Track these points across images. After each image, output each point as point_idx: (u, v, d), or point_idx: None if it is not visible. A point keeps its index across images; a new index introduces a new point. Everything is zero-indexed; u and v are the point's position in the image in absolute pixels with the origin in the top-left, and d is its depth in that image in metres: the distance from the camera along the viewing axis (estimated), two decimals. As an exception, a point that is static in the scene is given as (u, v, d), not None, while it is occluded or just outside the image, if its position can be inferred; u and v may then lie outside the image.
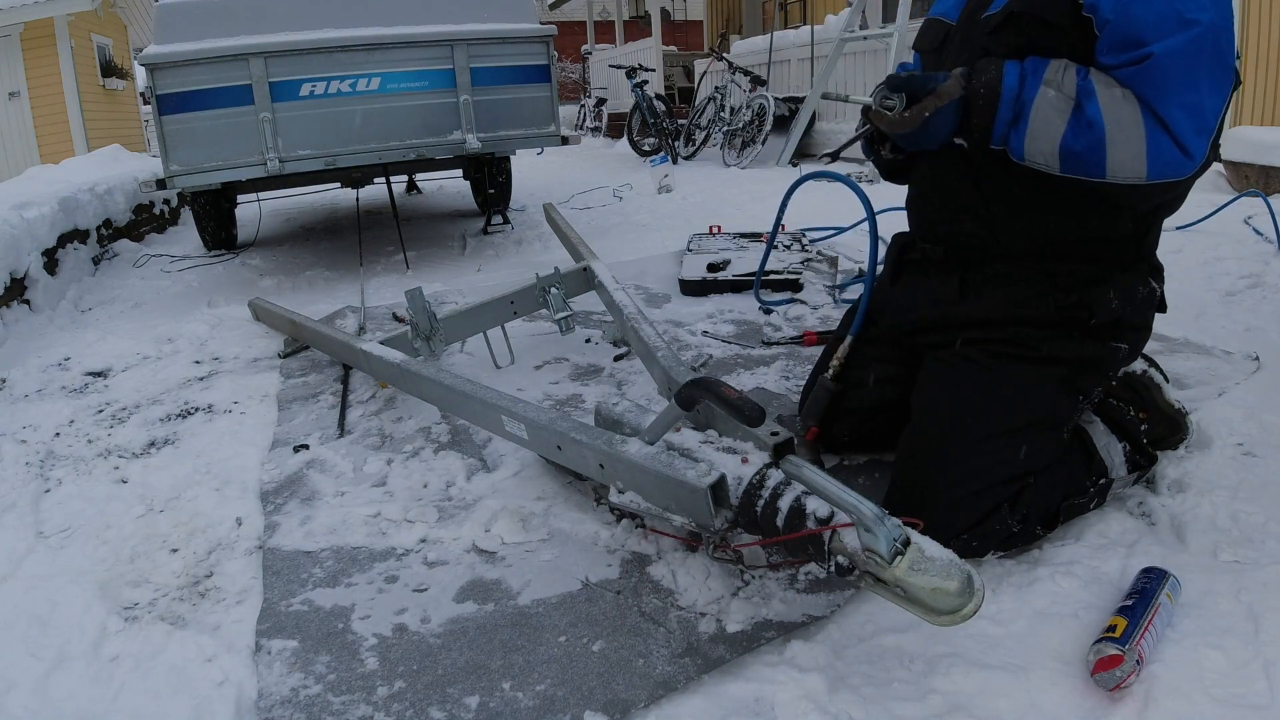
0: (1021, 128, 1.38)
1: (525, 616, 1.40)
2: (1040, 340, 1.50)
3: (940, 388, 1.56)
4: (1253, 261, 3.06)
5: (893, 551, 1.11)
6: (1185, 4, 1.29)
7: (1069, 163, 1.37)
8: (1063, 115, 1.35)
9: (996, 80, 1.40)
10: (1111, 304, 1.49)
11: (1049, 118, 1.36)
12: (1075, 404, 1.53)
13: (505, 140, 4.08)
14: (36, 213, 3.85)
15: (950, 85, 1.42)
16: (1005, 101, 1.39)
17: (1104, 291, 1.49)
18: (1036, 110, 1.37)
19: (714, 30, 15.36)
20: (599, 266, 2.71)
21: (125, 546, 1.69)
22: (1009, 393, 1.48)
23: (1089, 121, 1.33)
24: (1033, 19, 1.42)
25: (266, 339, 3.03)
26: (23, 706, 1.25)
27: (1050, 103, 1.36)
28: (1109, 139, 1.32)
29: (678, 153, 8.20)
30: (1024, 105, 1.38)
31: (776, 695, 1.19)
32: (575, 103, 13.15)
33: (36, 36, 10.72)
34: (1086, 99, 1.33)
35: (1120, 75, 1.33)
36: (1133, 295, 1.52)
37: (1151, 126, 1.31)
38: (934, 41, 1.68)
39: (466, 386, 1.85)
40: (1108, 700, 1.15)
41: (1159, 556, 1.42)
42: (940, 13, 1.70)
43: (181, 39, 3.54)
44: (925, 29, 1.73)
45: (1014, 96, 1.39)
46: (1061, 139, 1.35)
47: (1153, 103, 1.31)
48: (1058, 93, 1.36)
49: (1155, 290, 1.57)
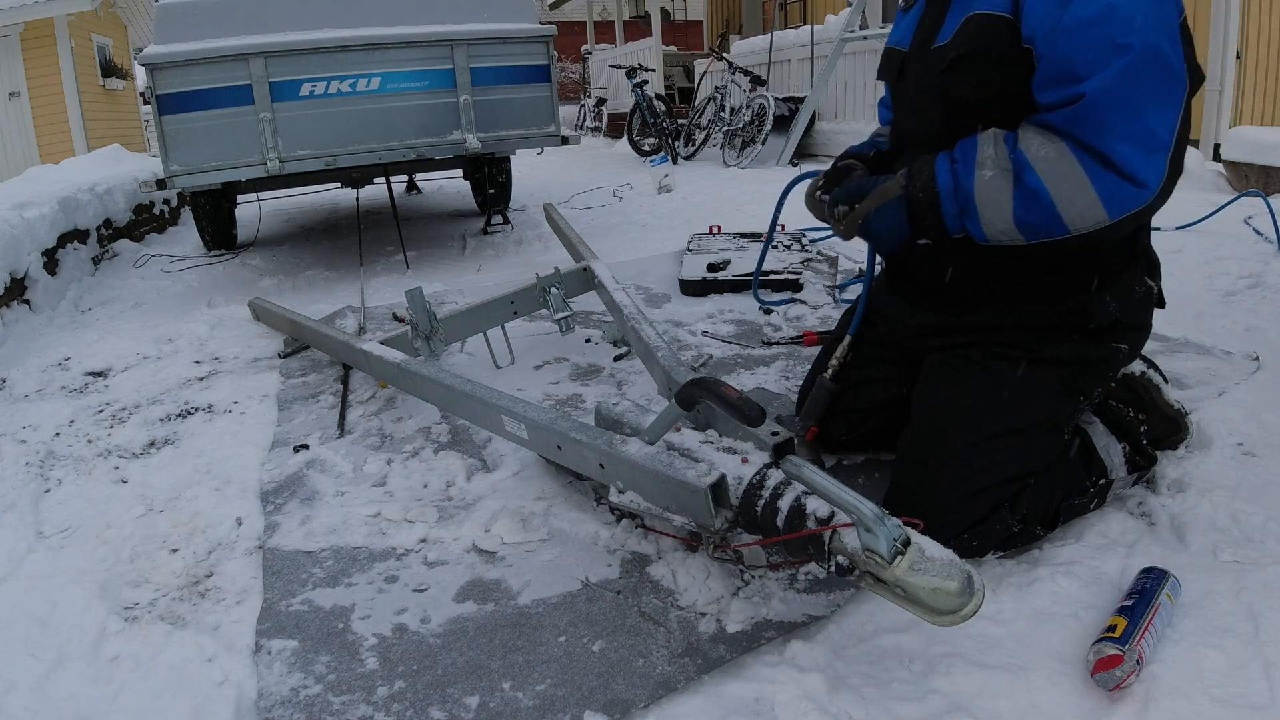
0: (973, 216, 1.39)
1: (525, 616, 1.40)
2: (1040, 342, 1.50)
3: (941, 388, 1.56)
4: (1253, 261, 3.06)
5: (893, 551, 1.11)
6: (1116, 27, 1.26)
7: (1030, 233, 1.37)
8: (1006, 193, 1.35)
9: (931, 180, 1.41)
10: (1109, 307, 1.49)
11: (994, 199, 1.36)
12: (1076, 405, 1.53)
13: (505, 140, 4.08)
14: (36, 213, 3.84)
15: (889, 186, 1.45)
16: (946, 198, 1.40)
17: (1100, 296, 1.49)
18: (979, 197, 1.37)
19: (714, 30, 15.36)
20: (599, 266, 2.71)
21: (125, 546, 1.70)
22: (1009, 394, 1.48)
23: (1032, 191, 1.33)
24: (979, 58, 1.42)
25: (266, 339, 3.03)
26: (23, 706, 1.25)
27: (990, 184, 1.36)
28: (1057, 200, 1.31)
29: (678, 153, 8.19)
30: (966, 197, 1.38)
31: (776, 695, 1.19)
32: (575, 103, 13.15)
33: (36, 36, 10.73)
34: (1023, 170, 1.33)
35: (1057, 120, 1.32)
36: (1130, 296, 1.52)
37: (1095, 171, 1.29)
38: (894, 71, 1.69)
39: (466, 386, 1.85)
40: (1108, 700, 1.15)
41: (1159, 556, 1.43)
42: (895, 41, 1.70)
43: (181, 39, 3.54)
44: (885, 59, 1.74)
45: (952, 191, 1.40)
46: (1014, 216, 1.35)
47: (1094, 143, 1.29)
48: (995, 172, 1.36)
49: (1152, 288, 1.57)
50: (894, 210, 1.46)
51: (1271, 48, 5.28)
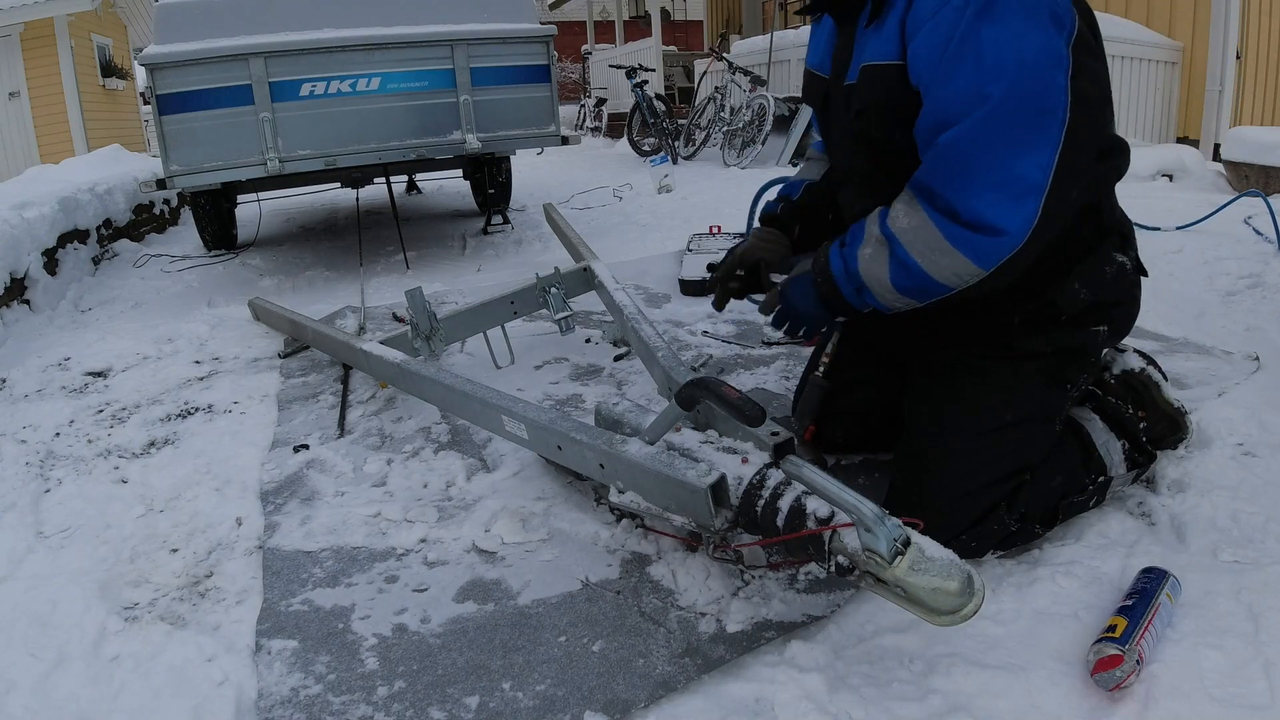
0: (868, 293, 1.44)
1: (525, 616, 1.40)
2: (1016, 338, 1.50)
3: (928, 391, 1.56)
4: (1253, 261, 3.07)
5: (893, 551, 1.11)
6: (984, 76, 1.26)
7: (919, 296, 1.40)
8: (884, 266, 1.39)
9: (826, 266, 1.49)
10: (1079, 294, 1.48)
11: (877, 275, 1.41)
12: (1064, 394, 1.53)
13: (505, 140, 4.08)
14: (36, 213, 3.84)
15: (800, 267, 1.56)
16: (841, 282, 1.47)
17: (1068, 285, 1.48)
18: (865, 275, 1.43)
19: (714, 30, 15.36)
20: (599, 266, 2.71)
21: (125, 546, 1.70)
22: (995, 391, 1.49)
23: (901, 261, 1.37)
24: (881, 110, 1.42)
25: (266, 339, 3.03)
26: (23, 706, 1.25)
27: (871, 261, 1.41)
28: (927, 267, 1.34)
29: (678, 153, 8.19)
30: (855, 277, 1.44)
31: (776, 695, 1.19)
32: (575, 103, 13.14)
33: (36, 36, 10.72)
34: (893, 244, 1.37)
35: (922, 175, 1.34)
36: (1100, 278, 1.50)
37: (954, 231, 1.30)
38: (818, 99, 1.68)
39: (466, 386, 1.85)
40: (1108, 700, 1.15)
41: (1159, 556, 1.42)
42: (815, 64, 1.69)
43: (181, 39, 3.54)
44: (807, 81, 1.74)
45: (844, 274, 1.46)
46: (895, 286, 1.39)
47: (951, 201, 1.29)
48: (873, 249, 1.41)
49: (1125, 263, 1.54)
50: (803, 290, 1.54)
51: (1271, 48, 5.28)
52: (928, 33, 1.31)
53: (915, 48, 1.33)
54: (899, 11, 1.37)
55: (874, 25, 1.42)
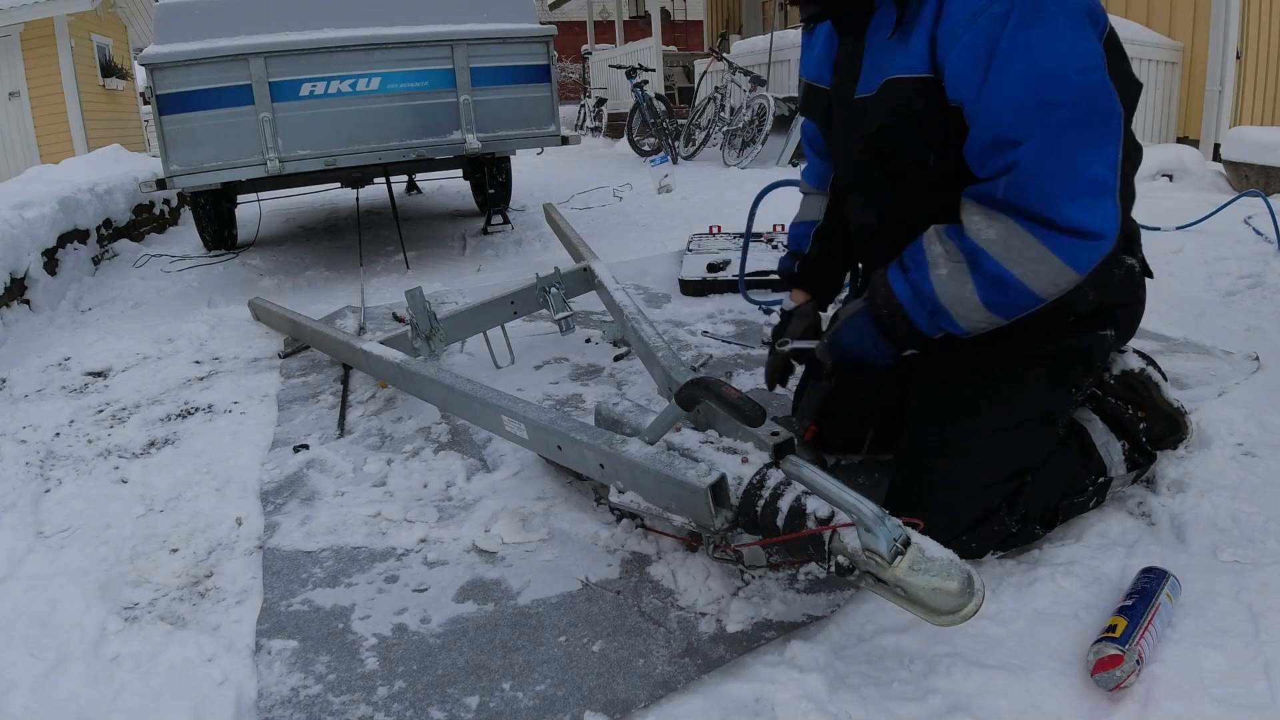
0: (944, 316, 1.37)
1: (525, 616, 1.40)
2: (1023, 339, 1.47)
3: (932, 392, 1.55)
4: (1253, 261, 3.06)
5: (893, 551, 1.11)
6: (1044, 83, 1.22)
7: (1008, 311, 1.35)
8: (967, 285, 1.33)
9: (890, 295, 1.40)
10: (1088, 296, 1.46)
11: (959, 295, 1.34)
12: (1067, 397, 1.53)
13: (505, 140, 4.08)
14: (36, 213, 3.85)
15: (851, 305, 1.46)
16: (912, 309, 1.39)
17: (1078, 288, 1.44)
18: (944, 297, 1.36)
19: (714, 30, 15.36)
20: (599, 266, 2.71)
21: (125, 546, 1.70)
22: (999, 392, 1.47)
23: (993, 276, 1.31)
24: (907, 126, 1.38)
25: (266, 339, 3.03)
26: (23, 706, 1.25)
27: (949, 281, 1.35)
28: (1022, 277, 1.30)
29: (678, 153, 8.19)
30: (931, 301, 1.37)
31: (776, 695, 1.19)
32: (575, 103, 13.14)
33: (36, 36, 10.72)
34: (978, 257, 1.31)
35: (997, 190, 1.28)
36: (1109, 280, 1.49)
37: (1049, 236, 1.26)
38: (820, 112, 1.65)
39: (466, 386, 1.85)
40: (1108, 700, 1.15)
41: (1159, 556, 1.42)
42: (812, 75, 1.65)
43: (181, 39, 3.54)
44: (806, 94, 1.69)
45: (915, 301, 1.38)
46: (984, 303, 1.34)
47: (1044, 212, 1.26)
48: (949, 268, 1.34)
49: (1133, 265, 1.54)
50: (859, 329, 1.46)
51: (1271, 48, 5.28)
52: (967, 44, 1.26)
53: (954, 59, 1.28)
54: (927, 22, 1.32)
55: (897, 36, 1.37)
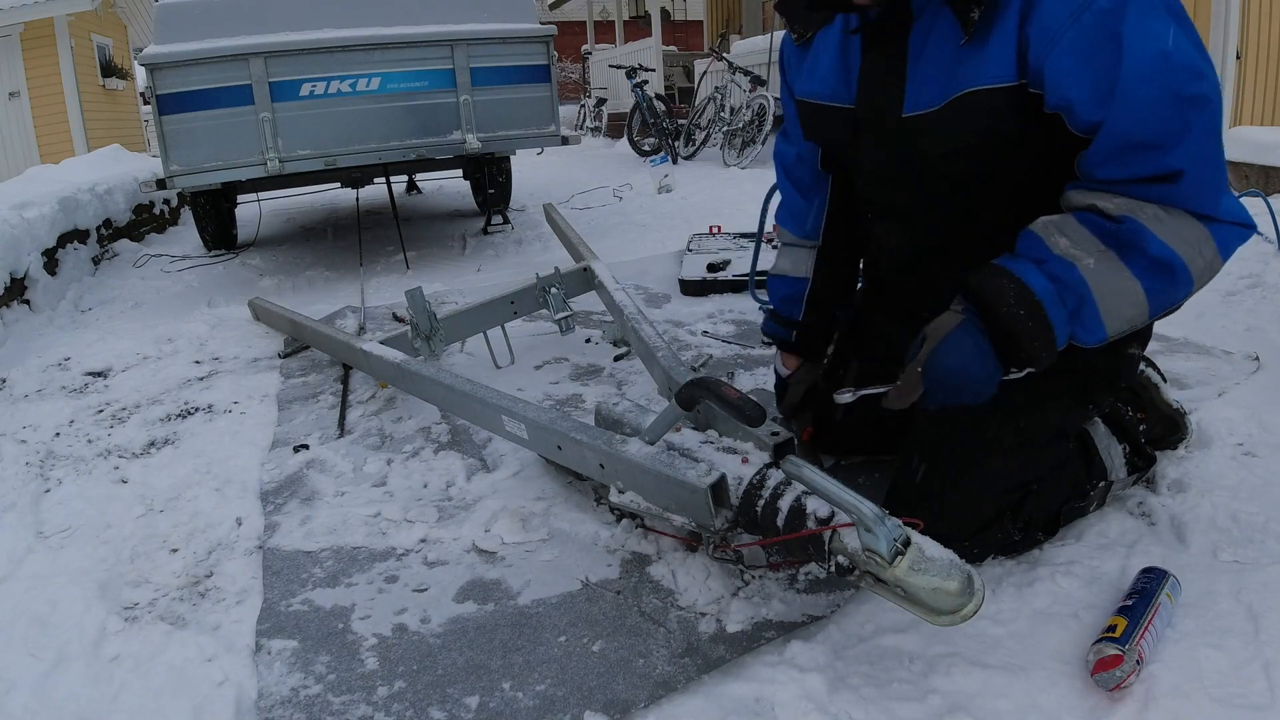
0: (1089, 315, 1.20)
1: (525, 616, 1.40)
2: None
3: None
4: (1253, 261, 3.06)
5: (893, 551, 1.11)
6: (1182, 79, 1.13)
7: (1160, 305, 1.22)
8: (1123, 273, 1.18)
9: (1023, 291, 1.19)
10: None
11: (1115, 284, 1.18)
12: (1085, 414, 1.50)
13: (505, 140, 4.08)
14: (36, 213, 3.85)
15: (944, 319, 1.23)
16: (1052, 307, 1.18)
17: None
18: (1097, 288, 1.18)
19: (714, 30, 15.35)
20: (599, 266, 2.71)
21: (125, 546, 1.69)
22: (1018, 409, 1.39)
23: (1156, 260, 1.17)
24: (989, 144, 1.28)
25: (266, 339, 3.03)
26: (23, 706, 1.25)
27: (1099, 272, 1.18)
28: (1186, 260, 1.18)
29: (678, 153, 8.19)
30: (1078, 295, 1.19)
31: (776, 695, 1.19)
32: (575, 103, 13.15)
33: (36, 36, 10.72)
34: (1141, 236, 1.16)
35: (1152, 196, 1.16)
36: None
37: (1211, 225, 1.18)
38: (839, 135, 1.50)
39: (466, 386, 1.85)
40: (1108, 700, 1.15)
41: (1159, 556, 1.42)
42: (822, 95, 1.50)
43: (181, 39, 3.54)
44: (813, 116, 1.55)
45: (1057, 296, 1.19)
46: (1145, 292, 1.19)
47: (1206, 210, 1.18)
48: (1094, 258, 1.18)
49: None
50: (966, 346, 1.21)
51: (1271, 48, 5.27)
52: (1072, 43, 1.15)
53: (1056, 61, 1.16)
54: (1010, 25, 1.20)
55: (973, 42, 1.23)
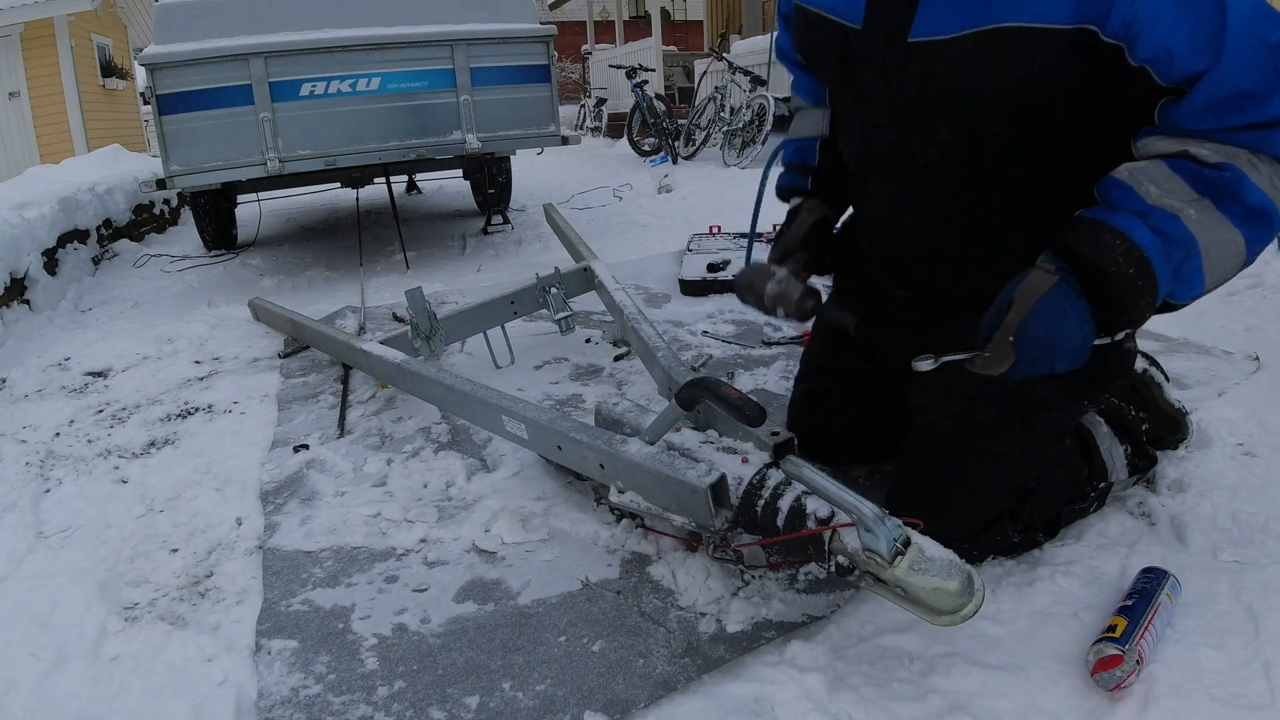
0: (1191, 269, 1.13)
1: (525, 616, 1.40)
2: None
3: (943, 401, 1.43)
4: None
5: (893, 551, 1.11)
6: (1268, 24, 1.08)
7: (1252, 257, 1.16)
8: (1223, 224, 1.11)
9: (1130, 246, 1.10)
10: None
11: (1219, 236, 1.12)
12: (1080, 412, 1.49)
13: (505, 140, 4.08)
14: (36, 213, 3.85)
15: (1034, 280, 1.14)
16: (1160, 262, 1.11)
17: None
18: (1203, 239, 1.11)
19: (714, 30, 15.36)
20: (599, 266, 2.71)
21: (125, 546, 1.69)
22: (1018, 407, 1.36)
23: (1254, 209, 1.10)
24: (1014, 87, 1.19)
25: (266, 339, 3.03)
26: (23, 706, 1.25)
27: (1203, 223, 1.11)
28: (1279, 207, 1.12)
29: (678, 153, 8.19)
30: (1185, 249, 1.11)
31: (776, 695, 1.19)
32: (575, 103, 13.14)
33: (36, 36, 10.72)
34: (1241, 185, 1.10)
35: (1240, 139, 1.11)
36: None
37: None
38: (833, 54, 1.38)
39: (466, 386, 1.85)
40: (1108, 700, 1.15)
41: (1159, 556, 1.42)
42: (825, 6, 1.37)
43: (181, 39, 3.54)
44: (811, 26, 1.41)
45: (1164, 252, 1.11)
46: (1246, 241, 1.13)
47: None
48: (1194, 209, 1.11)
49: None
50: (1065, 310, 1.13)
51: (1271, 48, 5.29)
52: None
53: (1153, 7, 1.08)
54: None
55: None
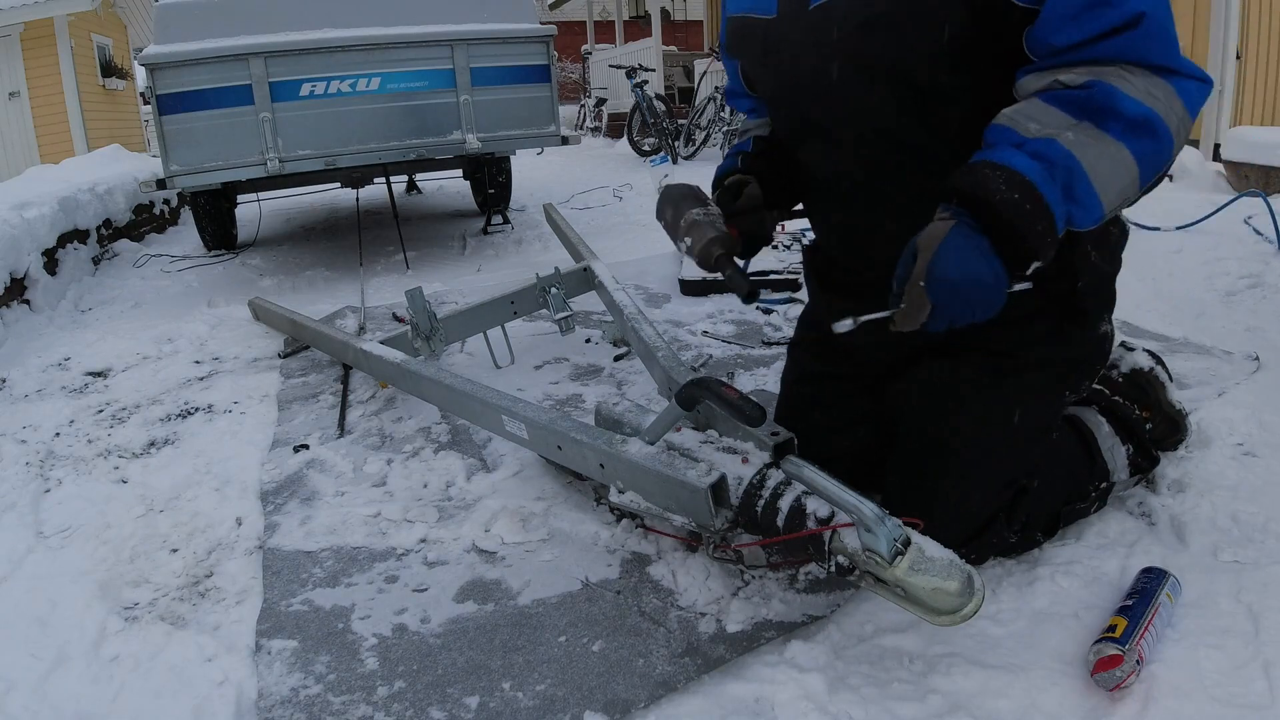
0: (1081, 188, 1.09)
1: (525, 616, 1.40)
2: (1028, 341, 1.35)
3: (927, 406, 1.41)
4: (1253, 261, 3.06)
5: (893, 551, 1.11)
6: None
7: (1152, 168, 1.12)
8: (1103, 139, 1.09)
9: (1009, 173, 1.08)
10: (1090, 257, 1.35)
11: (1100, 150, 1.09)
12: (1065, 403, 1.46)
13: (505, 140, 4.08)
14: (36, 213, 3.85)
15: (934, 228, 1.11)
16: (1045, 185, 1.07)
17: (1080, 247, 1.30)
18: (1084, 157, 1.08)
19: (714, 30, 15.35)
20: (599, 266, 2.71)
21: (125, 546, 1.70)
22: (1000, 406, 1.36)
23: (1136, 119, 1.08)
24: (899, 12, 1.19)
25: (266, 339, 3.03)
26: (23, 706, 1.25)
27: (1080, 141, 1.09)
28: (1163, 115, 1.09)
29: (678, 153, 8.19)
30: (1066, 166, 1.08)
31: (776, 695, 1.19)
32: (575, 103, 13.14)
33: (36, 36, 10.72)
34: (1116, 99, 1.08)
35: (1112, 51, 1.09)
36: (1107, 239, 1.38)
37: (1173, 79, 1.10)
38: (754, 46, 1.46)
39: (466, 386, 1.85)
40: (1108, 700, 1.15)
41: (1159, 556, 1.42)
42: (745, 9, 1.46)
43: (181, 39, 3.54)
44: (737, 31, 1.50)
45: (1047, 174, 1.08)
46: (1135, 156, 1.10)
47: (1165, 61, 1.09)
48: (1073, 132, 1.09)
49: (1125, 225, 1.44)
50: (966, 248, 1.08)
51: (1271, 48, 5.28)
52: None
53: None
54: None
55: None
